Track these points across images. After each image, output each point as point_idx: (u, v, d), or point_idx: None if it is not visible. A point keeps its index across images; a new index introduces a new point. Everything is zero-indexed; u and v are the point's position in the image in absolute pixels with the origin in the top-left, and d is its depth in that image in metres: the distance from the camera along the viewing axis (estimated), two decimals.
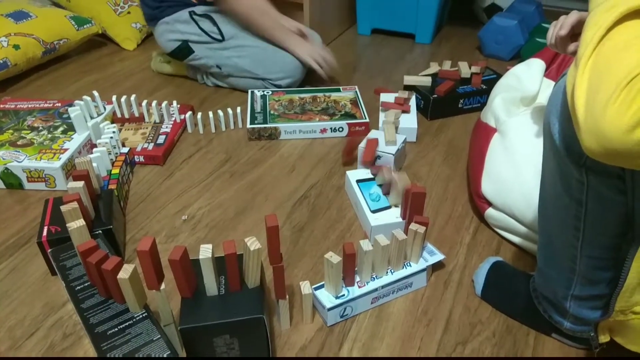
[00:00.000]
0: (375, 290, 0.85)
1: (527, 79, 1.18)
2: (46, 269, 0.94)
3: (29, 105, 1.37)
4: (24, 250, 0.99)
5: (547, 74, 1.19)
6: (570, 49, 0.89)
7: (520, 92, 1.13)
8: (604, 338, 0.69)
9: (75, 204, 0.84)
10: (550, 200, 0.70)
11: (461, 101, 1.46)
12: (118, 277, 0.72)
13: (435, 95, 1.42)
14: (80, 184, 0.90)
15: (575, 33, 0.88)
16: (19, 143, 1.20)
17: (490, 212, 1.03)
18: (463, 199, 1.14)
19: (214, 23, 1.51)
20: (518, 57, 1.81)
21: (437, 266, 0.95)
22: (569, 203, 0.65)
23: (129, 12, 1.93)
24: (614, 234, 0.64)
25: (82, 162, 0.97)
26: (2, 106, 1.36)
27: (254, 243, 0.71)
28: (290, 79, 1.54)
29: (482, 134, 1.12)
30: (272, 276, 0.76)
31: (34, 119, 1.30)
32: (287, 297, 0.80)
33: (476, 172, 1.07)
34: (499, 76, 1.49)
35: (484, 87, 1.47)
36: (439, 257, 0.91)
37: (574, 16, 0.87)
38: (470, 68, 1.54)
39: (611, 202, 0.61)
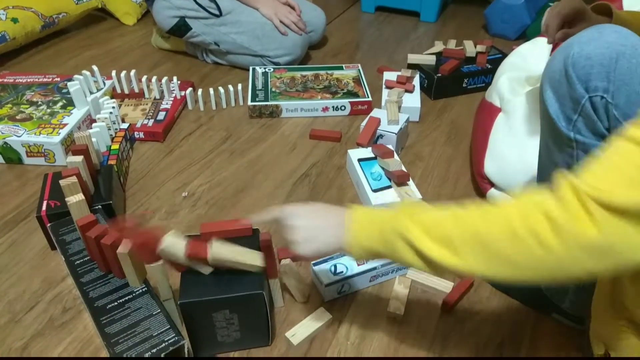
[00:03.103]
0: (374, 268, 0.85)
1: (533, 58, 1.16)
2: (46, 244, 0.94)
3: (28, 80, 1.35)
4: (23, 225, 0.98)
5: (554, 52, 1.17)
6: (558, 35, 0.87)
7: (525, 72, 1.11)
8: None
9: (74, 179, 0.84)
10: (546, 168, 0.71)
11: (465, 80, 1.44)
12: (117, 251, 0.71)
13: (439, 74, 1.40)
14: (80, 158, 0.90)
15: (567, 21, 0.86)
16: (17, 117, 1.19)
17: (492, 192, 1.02)
18: (465, 180, 1.13)
19: None
20: (524, 36, 1.78)
21: None
22: (563, 167, 0.66)
23: None
24: None
25: (81, 136, 0.96)
26: (0, 80, 1.35)
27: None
28: (289, 56, 1.52)
29: (486, 114, 1.10)
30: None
31: (32, 93, 1.29)
32: (279, 275, 0.80)
33: (479, 152, 1.06)
34: (505, 55, 1.47)
35: (489, 66, 1.45)
36: None
37: (565, 10, 0.85)
38: (475, 47, 1.52)
39: None
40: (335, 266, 0.85)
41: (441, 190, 1.10)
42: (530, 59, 1.17)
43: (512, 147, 0.99)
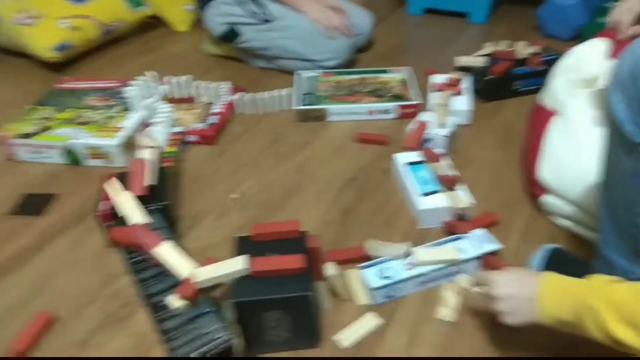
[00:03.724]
0: (424, 274, 0.84)
1: (589, 60, 1.12)
2: (105, 241, 0.98)
3: (87, 85, 1.42)
4: (84, 223, 1.03)
5: (614, 54, 1.13)
6: (630, 32, 0.84)
7: (581, 74, 1.07)
8: None
9: (115, 182, 0.89)
10: (612, 175, 0.68)
11: (517, 83, 1.40)
12: (154, 252, 0.75)
13: (489, 77, 1.37)
14: (148, 153, 0.95)
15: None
16: (78, 121, 1.25)
17: (546, 198, 0.99)
18: (517, 185, 1.10)
19: (260, 4, 1.51)
20: (579, 37, 1.72)
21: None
22: (634, 181, 0.62)
23: None
24: None
25: (145, 138, 1.02)
26: (62, 86, 1.42)
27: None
28: (336, 60, 1.53)
29: (540, 117, 1.07)
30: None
31: (92, 98, 1.35)
32: (326, 278, 0.81)
33: (532, 156, 1.03)
34: (559, 57, 1.42)
35: (543, 68, 1.40)
36: (495, 245, 0.88)
37: (637, 7, 0.83)
38: (528, 48, 1.48)
39: None
40: (383, 270, 0.84)
41: (492, 195, 1.08)
42: (586, 61, 1.12)
43: (569, 151, 0.96)
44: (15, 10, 1.65)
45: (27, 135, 1.19)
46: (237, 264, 0.73)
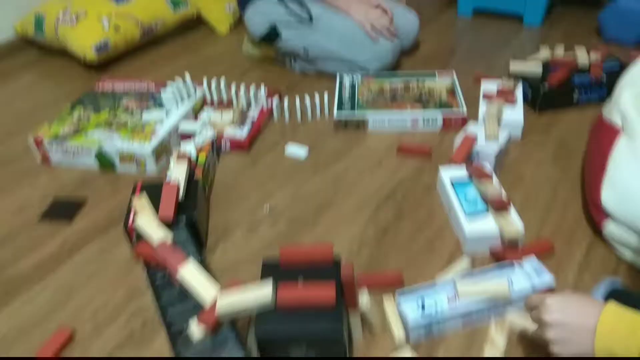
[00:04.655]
0: (468, 312, 0.76)
1: None
2: (131, 253, 0.95)
3: (125, 87, 1.40)
4: (112, 232, 1.01)
5: None
6: None
7: None
8: None
9: (143, 198, 0.85)
10: None
11: (576, 93, 1.29)
12: (177, 273, 0.70)
13: (546, 86, 1.26)
14: (180, 168, 0.95)
15: None
16: (114, 124, 1.23)
17: (609, 225, 0.89)
18: (575, 208, 1.00)
19: (302, 4, 1.46)
20: None
21: None
22: None
23: None
24: None
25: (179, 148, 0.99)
26: (100, 87, 1.41)
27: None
28: (379, 62, 1.45)
29: (605, 134, 0.96)
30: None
31: (128, 100, 1.33)
32: (359, 308, 0.74)
33: (595, 177, 0.93)
34: (624, 65, 1.29)
35: (605, 78, 1.28)
36: (548, 277, 0.79)
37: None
38: (588, 55, 1.36)
39: None
40: (423, 303, 0.77)
41: (546, 218, 0.98)
42: None
43: (636, 176, 0.85)
44: (58, 9, 1.66)
45: (61, 138, 1.18)
46: (262, 293, 0.67)
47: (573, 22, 1.82)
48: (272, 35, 1.52)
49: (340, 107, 1.30)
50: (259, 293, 0.68)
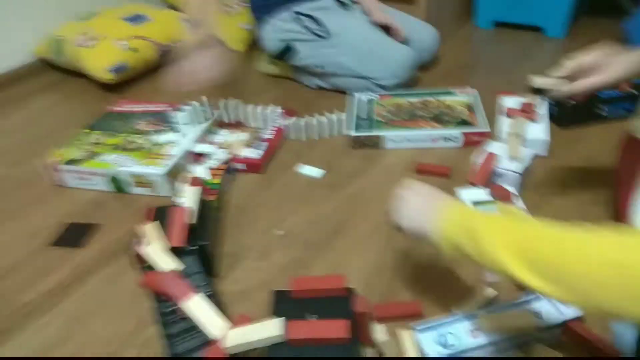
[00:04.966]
0: (491, 343, 0.71)
1: None
2: (139, 281, 0.93)
3: (139, 109, 1.39)
4: (121, 259, 0.99)
5: None
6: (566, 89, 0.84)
7: None
8: None
9: (152, 226, 0.83)
10: None
11: (603, 108, 1.23)
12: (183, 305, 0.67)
13: (572, 101, 1.21)
14: (191, 192, 0.93)
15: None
16: (127, 147, 1.22)
17: None
18: None
19: (317, 20, 1.44)
20: None
21: None
22: None
23: (239, 13, 1.92)
24: None
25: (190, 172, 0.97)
26: (116, 109, 1.41)
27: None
28: (396, 78, 1.42)
29: (635, 152, 0.91)
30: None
31: (144, 122, 1.32)
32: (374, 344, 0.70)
33: (627, 199, 0.87)
34: None
35: (634, 91, 1.23)
36: (577, 311, 0.74)
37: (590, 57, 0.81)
38: None
39: None
40: (443, 335, 0.72)
41: None
42: None
43: None
44: (77, 32, 1.68)
45: (74, 162, 1.17)
46: (272, 329, 0.64)
47: (597, 33, 1.76)
48: (287, 52, 1.51)
49: (356, 126, 1.27)
50: (268, 327, 0.64)
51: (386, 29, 1.49)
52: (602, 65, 0.80)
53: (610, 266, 0.41)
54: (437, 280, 0.88)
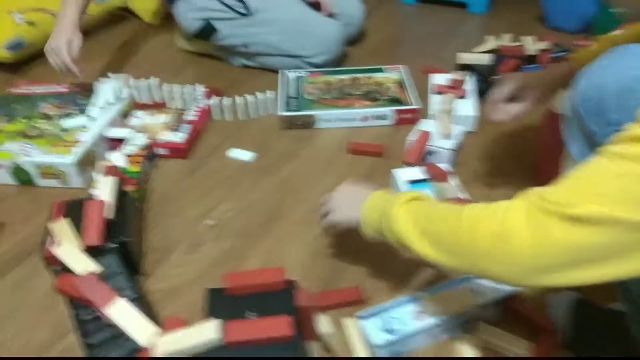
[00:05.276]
0: (434, 325, 0.71)
1: None
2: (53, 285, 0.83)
3: (43, 90, 1.24)
4: (30, 260, 0.88)
5: None
6: (498, 116, 0.89)
7: None
8: None
9: (63, 222, 0.74)
10: None
11: None
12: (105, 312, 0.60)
13: (497, 76, 1.23)
14: (107, 183, 0.86)
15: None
16: (30, 134, 1.08)
17: None
18: None
19: None
20: (588, 30, 1.58)
21: None
22: None
23: None
24: None
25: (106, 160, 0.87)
26: (16, 91, 1.25)
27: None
28: (325, 55, 1.37)
29: (555, 124, 0.93)
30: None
31: (48, 105, 1.18)
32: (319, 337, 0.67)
33: (547, 164, 0.90)
34: (568, 52, 1.28)
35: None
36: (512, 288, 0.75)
37: (514, 83, 0.87)
38: (536, 43, 1.34)
39: None
40: (387, 321, 0.71)
41: None
42: None
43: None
44: None
45: None
46: (208, 333, 0.58)
47: (518, 9, 1.81)
48: (207, 32, 1.40)
49: (285, 105, 1.22)
50: (203, 331, 0.59)
51: (315, 4, 1.43)
52: (519, 96, 0.89)
53: (490, 237, 0.50)
54: (376, 261, 0.86)
